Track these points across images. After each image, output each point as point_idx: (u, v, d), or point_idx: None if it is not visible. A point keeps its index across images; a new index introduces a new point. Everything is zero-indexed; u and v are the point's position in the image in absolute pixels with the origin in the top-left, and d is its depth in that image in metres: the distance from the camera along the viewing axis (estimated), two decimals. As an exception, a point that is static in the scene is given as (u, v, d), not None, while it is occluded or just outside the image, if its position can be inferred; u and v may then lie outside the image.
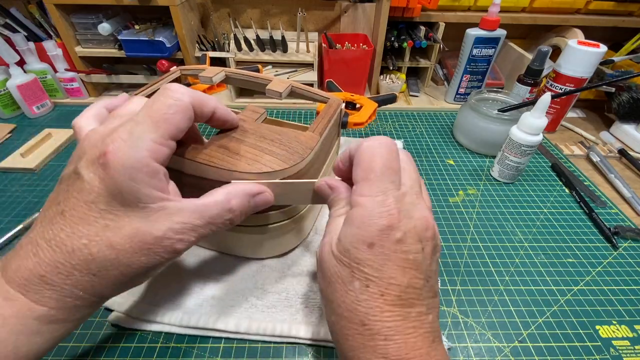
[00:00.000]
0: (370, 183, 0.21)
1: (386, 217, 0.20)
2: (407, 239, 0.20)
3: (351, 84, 0.66)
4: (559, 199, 0.47)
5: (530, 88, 0.57)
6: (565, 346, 0.31)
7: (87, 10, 0.62)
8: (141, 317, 0.31)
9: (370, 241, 0.20)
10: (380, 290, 0.19)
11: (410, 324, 0.19)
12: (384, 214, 0.20)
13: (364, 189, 0.21)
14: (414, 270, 0.20)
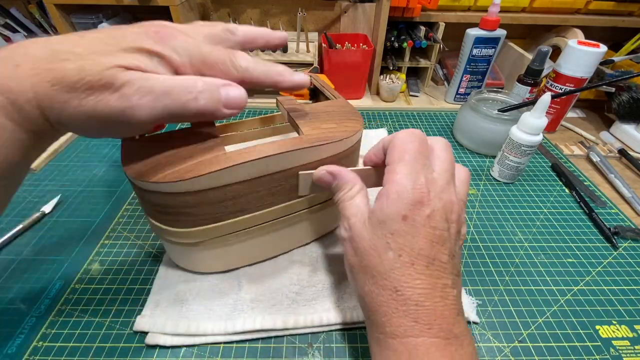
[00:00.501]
0: (405, 163, 0.23)
1: (418, 193, 0.22)
2: (436, 216, 0.22)
3: (351, 84, 0.66)
4: (559, 199, 0.47)
5: (530, 88, 0.57)
6: (565, 346, 0.30)
7: (87, 10, 0.62)
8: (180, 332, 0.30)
9: (405, 213, 0.22)
10: (411, 260, 0.21)
11: (438, 294, 0.21)
12: (416, 189, 0.22)
13: (398, 167, 0.23)
14: (440, 245, 0.22)
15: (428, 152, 0.24)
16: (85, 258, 0.37)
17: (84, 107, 0.19)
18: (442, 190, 0.23)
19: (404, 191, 0.22)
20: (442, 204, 0.22)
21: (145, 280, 0.34)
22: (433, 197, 0.22)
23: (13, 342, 0.29)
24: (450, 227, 0.23)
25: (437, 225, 0.22)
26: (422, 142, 0.24)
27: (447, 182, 0.23)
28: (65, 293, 0.33)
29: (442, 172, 0.24)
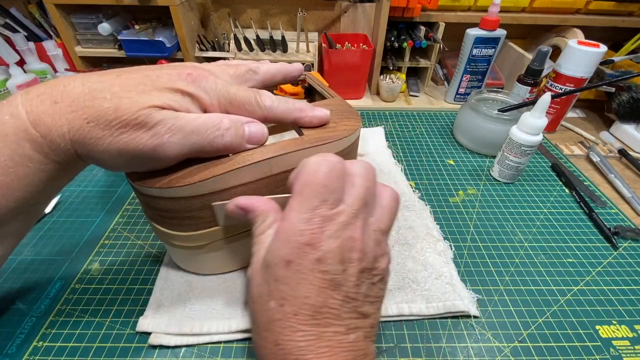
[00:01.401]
0: (302, 198, 0.21)
1: (308, 235, 0.20)
2: (327, 259, 0.20)
3: (351, 84, 0.66)
4: (559, 199, 0.47)
5: (530, 88, 0.57)
6: (565, 346, 0.30)
7: (87, 10, 0.62)
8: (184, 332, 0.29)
9: (289, 258, 0.20)
10: (294, 310, 0.19)
11: (324, 343, 0.19)
12: (305, 232, 0.20)
13: (294, 202, 0.21)
14: (330, 290, 0.20)
15: (339, 182, 0.21)
16: (85, 258, 0.37)
17: (117, 144, 0.21)
18: (343, 227, 0.20)
19: (291, 232, 0.20)
20: (337, 244, 0.20)
21: (145, 280, 0.34)
22: (326, 238, 0.20)
23: (13, 342, 0.29)
24: (348, 267, 0.20)
25: (329, 269, 0.20)
26: (333, 172, 0.21)
27: (355, 215, 0.21)
28: (65, 293, 0.33)
29: (351, 203, 0.21)
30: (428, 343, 0.30)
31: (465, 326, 0.32)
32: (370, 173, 0.23)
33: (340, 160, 0.22)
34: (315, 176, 0.21)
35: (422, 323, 0.32)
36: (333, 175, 0.21)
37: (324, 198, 0.21)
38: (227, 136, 0.23)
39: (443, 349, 0.30)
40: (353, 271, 0.20)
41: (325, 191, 0.21)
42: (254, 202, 0.24)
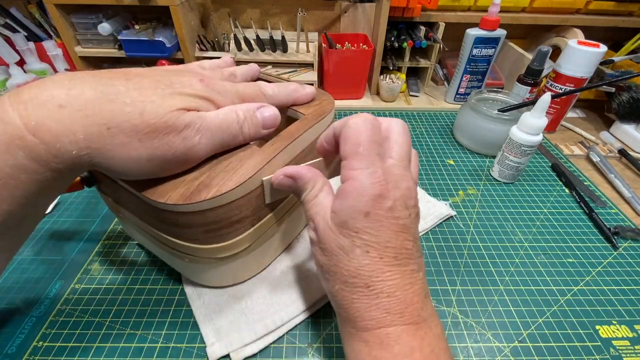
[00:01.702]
0: (360, 157, 0.22)
1: (378, 187, 0.21)
2: (397, 206, 0.22)
3: (351, 84, 0.66)
4: (559, 199, 0.47)
5: (530, 88, 0.57)
6: (565, 346, 0.31)
7: (87, 10, 0.62)
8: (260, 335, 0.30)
9: (366, 210, 0.21)
10: (379, 254, 0.21)
11: (407, 281, 0.22)
12: (375, 184, 0.21)
13: (354, 162, 0.22)
14: (404, 233, 0.22)
15: (382, 138, 0.24)
16: (85, 258, 0.37)
17: (147, 150, 0.20)
18: (400, 178, 0.22)
19: (362, 188, 0.21)
20: (400, 193, 0.22)
21: (145, 281, 0.34)
22: (392, 188, 0.22)
23: (13, 342, 0.29)
24: (411, 212, 0.23)
25: (400, 214, 0.22)
26: (374, 128, 0.23)
27: (405, 168, 0.23)
28: (65, 293, 0.33)
29: (400, 158, 0.23)
30: (428, 343, 0.30)
31: (465, 326, 0.32)
32: (407, 131, 0.25)
33: (374, 117, 0.24)
34: (363, 135, 0.22)
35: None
36: (377, 131, 0.23)
37: (377, 151, 0.22)
38: (245, 127, 0.25)
39: (443, 349, 0.30)
40: (414, 215, 0.23)
41: (377, 146, 0.23)
42: (300, 169, 0.25)
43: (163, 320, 0.31)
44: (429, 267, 0.37)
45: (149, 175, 0.23)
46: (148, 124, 0.20)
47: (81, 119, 0.18)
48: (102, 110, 0.19)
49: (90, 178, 0.28)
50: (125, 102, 0.19)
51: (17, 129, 0.18)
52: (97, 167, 0.20)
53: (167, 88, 0.21)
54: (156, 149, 0.20)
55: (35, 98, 0.18)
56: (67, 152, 0.19)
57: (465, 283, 0.35)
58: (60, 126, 0.18)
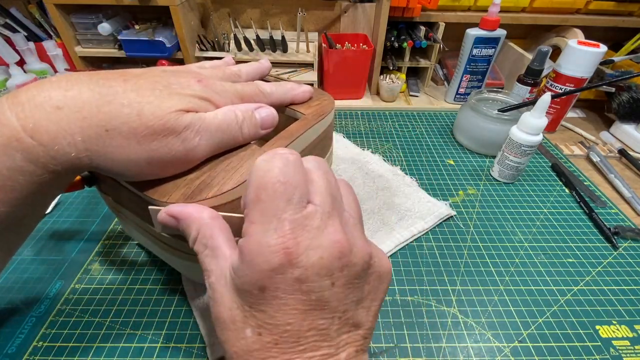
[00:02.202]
0: (262, 205, 0.17)
1: (279, 253, 0.16)
2: (310, 275, 0.16)
3: (351, 84, 0.66)
4: (559, 199, 0.47)
5: (530, 88, 0.57)
6: (565, 346, 0.31)
7: (87, 10, 0.62)
8: None
9: (262, 284, 0.16)
10: (274, 339, 0.17)
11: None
12: (277, 247, 0.16)
13: (254, 213, 0.17)
14: (317, 311, 0.17)
15: (300, 176, 0.18)
16: (85, 258, 0.37)
17: (146, 153, 0.20)
18: (320, 232, 0.17)
19: (258, 253, 0.16)
20: (319, 255, 0.16)
21: (145, 281, 0.34)
22: (304, 249, 0.16)
23: (13, 342, 0.29)
24: (337, 279, 0.17)
25: (312, 287, 0.16)
26: (287, 164, 0.18)
27: (329, 212, 0.18)
28: (65, 293, 0.33)
29: (321, 200, 0.18)
30: (428, 343, 0.30)
31: (465, 326, 0.32)
32: (324, 164, 0.20)
33: (292, 151, 0.19)
34: (270, 174, 0.17)
35: (422, 323, 0.32)
36: (290, 169, 0.18)
37: (287, 197, 0.17)
38: (244, 128, 0.24)
39: (443, 349, 0.30)
40: (343, 282, 0.17)
41: (287, 188, 0.17)
42: (185, 209, 0.21)
43: (163, 320, 0.31)
44: (429, 267, 0.37)
45: (148, 177, 0.22)
46: (146, 126, 0.19)
47: (79, 120, 0.18)
48: (100, 111, 0.19)
49: (90, 178, 0.28)
50: (122, 104, 0.19)
51: (14, 130, 0.17)
52: (97, 169, 0.20)
53: (164, 89, 0.21)
54: (155, 151, 0.20)
55: (33, 99, 0.18)
56: (65, 154, 0.18)
57: (465, 283, 0.35)
58: (57, 128, 0.18)
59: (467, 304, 0.34)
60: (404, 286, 0.35)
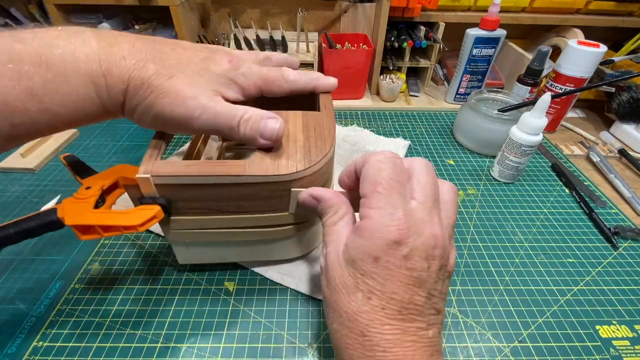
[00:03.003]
0: (379, 195, 0.21)
1: (394, 232, 0.20)
2: (414, 255, 0.20)
3: (351, 84, 0.66)
4: (559, 199, 0.47)
5: (530, 88, 0.57)
6: (565, 346, 0.30)
7: (87, 10, 0.62)
8: None
9: (376, 255, 0.20)
10: (381, 304, 0.20)
11: (409, 338, 0.20)
12: (392, 228, 0.20)
13: (372, 201, 0.21)
14: (416, 287, 0.20)
15: (405, 177, 0.22)
16: (85, 258, 0.37)
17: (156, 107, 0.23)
18: (423, 223, 0.21)
19: (377, 229, 0.20)
20: (422, 240, 0.20)
21: (145, 281, 0.34)
22: (412, 234, 0.20)
23: (13, 342, 0.29)
24: (431, 264, 0.21)
25: (415, 266, 0.20)
26: (396, 167, 0.22)
27: (430, 211, 0.21)
28: (65, 293, 0.33)
29: (424, 200, 0.21)
30: (428, 343, 0.30)
31: (465, 326, 0.32)
32: (431, 169, 0.24)
33: (396, 155, 0.23)
34: (384, 173, 0.21)
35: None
36: (398, 170, 0.22)
37: (400, 191, 0.21)
38: (242, 126, 0.26)
39: (443, 349, 0.30)
40: (435, 268, 0.21)
41: (399, 185, 0.21)
42: (325, 193, 0.25)
43: (163, 320, 0.31)
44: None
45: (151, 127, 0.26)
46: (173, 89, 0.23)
47: (131, 71, 0.23)
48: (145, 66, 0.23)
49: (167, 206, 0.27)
50: (163, 66, 0.24)
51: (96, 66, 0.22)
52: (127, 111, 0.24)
53: (200, 62, 0.25)
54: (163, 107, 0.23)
55: (111, 46, 0.22)
56: (116, 96, 0.23)
57: (466, 283, 0.35)
58: (119, 73, 0.22)
59: (467, 304, 0.34)
60: (404, 286, 0.35)
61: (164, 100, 0.23)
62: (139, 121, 0.25)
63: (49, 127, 0.22)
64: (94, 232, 0.24)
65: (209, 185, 0.26)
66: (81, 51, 0.21)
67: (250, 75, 0.27)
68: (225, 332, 0.31)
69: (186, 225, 0.29)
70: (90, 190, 0.26)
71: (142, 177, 0.24)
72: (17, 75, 0.19)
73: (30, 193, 0.44)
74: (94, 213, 0.24)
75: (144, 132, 0.56)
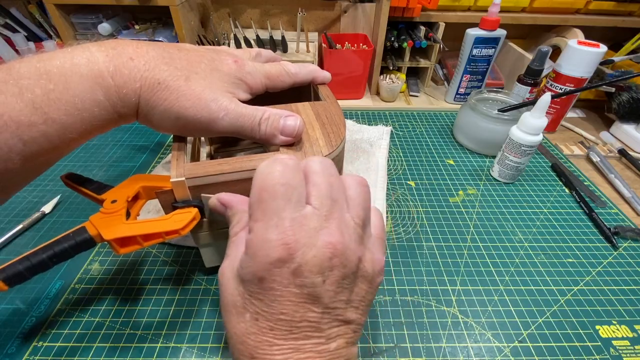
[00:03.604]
0: (264, 204, 0.19)
1: (278, 248, 0.18)
2: (304, 271, 0.18)
3: (351, 84, 0.66)
4: (559, 199, 0.47)
5: (530, 88, 0.57)
6: (565, 346, 0.30)
7: (87, 10, 0.62)
8: None
9: (261, 275, 0.18)
10: (269, 325, 0.18)
11: (304, 355, 0.18)
12: (277, 243, 0.18)
13: (257, 212, 0.19)
14: (309, 304, 0.18)
15: (299, 180, 0.20)
16: (85, 258, 0.36)
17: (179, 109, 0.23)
18: (316, 232, 0.18)
19: (260, 247, 0.18)
20: (314, 253, 0.18)
21: (145, 281, 0.34)
22: (301, 247, 0.18)
23: (13, 342, 0.29)
24: (328, 277, 0.18)
25: (306, 282, 0.18)
26: (286, 167, 0.19)
27: (326, 215, 0.19)
28: (65, 293, 0.33)
29: (319, 203, 0.19)
30: (428, 343, 0.30)
31: (465, 326, 0.32)
32: (329, 166, 0.21)
33: (293, 157, 0.21)
34: (271, 177, 0.19)
35: (422, 323, 0.32)
36: (289, 172, 0.19)
37: (287, 197, 0.19)
38: (262, 125, 0.26)
39: (443, 349, 0.30)
40: (333, 280, 0.19)
41: (287, 189, 0.19)
42: (233, 198, 0.24)
43: (163, 320, 0.31)
44: (429, 267, 0.37)
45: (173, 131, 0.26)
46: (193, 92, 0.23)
47: (143, 72, 0.22)
48: (158, 67, 0.23)
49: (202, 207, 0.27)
50: (176, 67, 0.24)
51: (101, 69, 0.21)
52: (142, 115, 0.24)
53: (209, 62, 0.26)
54: (186, 109, 0.24)
55: (114, 49, 0.22)
56: (129, 98, 0.23)
57: (465, 283, 0.35)
58: (129, 73, 0.22)
59: (467, 304, 0.34)
60: (404, 286, 0.35)
61: (186, 102, 0.23)
62: (159, 125, 0.25)
63: (62, 140, 0.21)
64: (134, 243, 0.24)
65: (241, 181, 0.26)
66: (81, 57, 0.21)
67: (255, 73, 0.28)
68: (225, 332, 0.31)
69: (219, 225, 0.29)
70: (117, 203, 0.26)
71: (177, 181, 0.24)
72: (18, 90, 0.19)
73: (30, 193, 0.44)
74: (130, 224, 0.24)
75: (141, 134, 0.56)
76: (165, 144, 0.54)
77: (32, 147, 0.20)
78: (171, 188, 0.25)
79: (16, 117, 0.19)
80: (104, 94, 0.22)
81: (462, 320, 0.32)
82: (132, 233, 0.24)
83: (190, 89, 0.24)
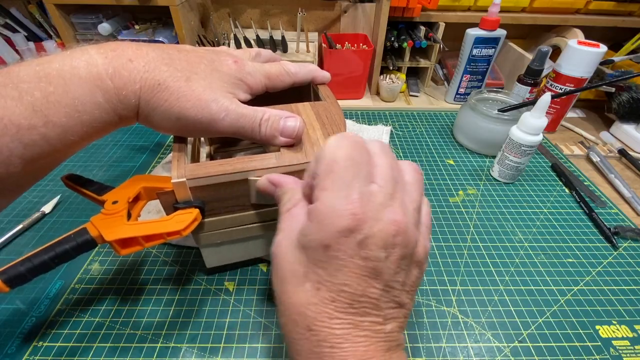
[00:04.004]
0: (334, 175, 0.19)
1: (347, 217, 0.18)
2: (370, 244, 0.18)
3: (351, 84, 0.66)
4: (559, 199, 0.47)
5: (530, 88, 0.57)
6: (565, 346, 0.31)
7: (87, 10, 0.62)
8: None
9: (327, 243, 0.18)
10: (331, 296, 0.18)
11: (362, 333, 0.18)
12: (345, 212, 0.18)
13: (326, 181, 0.19)
14: (371, 279, 0.18)
15: (366, 157, 0.20)
16: (86, 258, 0.37)
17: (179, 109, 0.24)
18: (382, 206, 0.18)
19: (328, 214, 0.18)
20: (380, 227, 0.18)
21: (145, 280, 0.34)
22: (368, 219, 0.18)
23: (13, 342, 0.29)
24: (391, 254, 0.18)
25: (370, 255, 0.18)
26: (355, 145, 0.20)
27: (390, 194, 0.19)
28: (65, 293, 0.33)
29: (384, 182, 0.19)
30: (428, 343, 0.30)
31: (465, 326, 0.32)
32: (388, 149, 0.22)
33: (357, 135, 0.21)
34: (342, 151, 0.19)
35: (422, 323, 0.32)
36: (359, 148, 0.20)
37: (356, 171, 0.19)
38: (262, 126, 0.26)
39: (443, 349, 0.30)
40: (394, 258, 0.19)
41: (356, 164, 0.19)
42: (283, 178, 0.25)
43: (163, 320, 0.31)
44: (429, 267, 0.37)
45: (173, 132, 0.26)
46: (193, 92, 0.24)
47: (143, 73, 0.22)
48: (157, 68, 0.23)
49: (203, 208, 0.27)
50: (176, 68, 0.24)
51: (100, 71, 0.21)
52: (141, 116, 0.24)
53: (209, 63, 0.26)
54: (187, 110, 0.24)
55: (113, 51, 0.22)
56: (129, 100, 0.23)
57: (466, 283, 0.35)
58: (128, 75, 0.22)
59: (467, 304, 0.34)
60: (404, 286, 0.35)
61: (187, 103, 0.23)
62: (159, 126, 0.25)
63: (63, 142, 0.21)
64: (135, 244, 0.24)
65: (243, 181, 0.26)
66: (80, 59, 0.21)
67: (255, 73, 0.28)
68: (225, 332, 0.31)
69: (220, 225, 0.29)
70: (118, 204, 0.26)
71: (178, 181, 0.24)
72: (18, 94, 0.19)
73: (30, 193, 0.44)
74: (131, 225, 0.24)
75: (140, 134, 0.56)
76: (164, 145, 0.54)
77: (32, 150, 0.20)
78: (172, 189, 0.25)
79: (16, 121, 0.19)
80: (104, 96, 0.22)
81: (462, 320, 0.32)
82: (133, 234, 0.24)
83: (190, 89, 0.24)
